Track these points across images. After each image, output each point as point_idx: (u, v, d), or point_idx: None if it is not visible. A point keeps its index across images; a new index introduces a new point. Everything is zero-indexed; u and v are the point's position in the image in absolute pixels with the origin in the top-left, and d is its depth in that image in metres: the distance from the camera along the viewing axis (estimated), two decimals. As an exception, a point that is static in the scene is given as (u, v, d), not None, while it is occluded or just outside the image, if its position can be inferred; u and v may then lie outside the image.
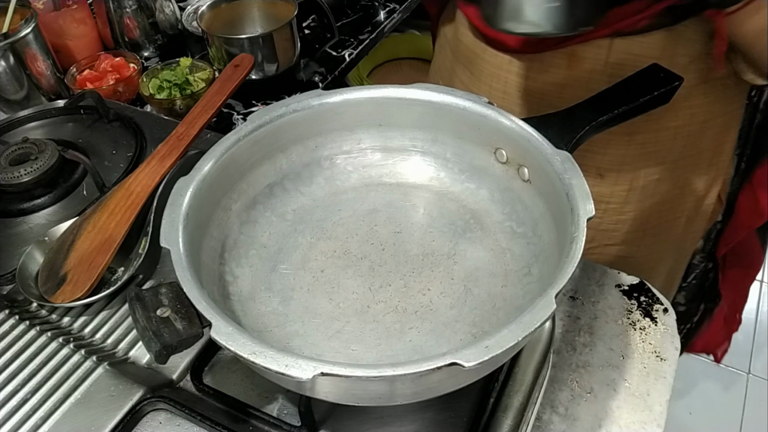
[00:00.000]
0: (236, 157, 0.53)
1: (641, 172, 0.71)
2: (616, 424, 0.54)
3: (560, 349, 0.59)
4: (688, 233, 0.80)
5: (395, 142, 0.59)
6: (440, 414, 0.49)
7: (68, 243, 0.60)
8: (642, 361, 0.58)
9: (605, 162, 0.70)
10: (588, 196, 0.45)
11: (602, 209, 0.74)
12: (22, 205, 0.69)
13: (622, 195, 0.73)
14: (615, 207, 0.74)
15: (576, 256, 0.41)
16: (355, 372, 0.36)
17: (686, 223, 0.78)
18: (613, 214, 0.74)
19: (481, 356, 0.36)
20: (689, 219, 0.78)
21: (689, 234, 0.81)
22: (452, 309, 0.50)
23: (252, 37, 0.99)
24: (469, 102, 0.54)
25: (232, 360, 0.53)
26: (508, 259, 0.53)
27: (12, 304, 0.58)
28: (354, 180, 0.60)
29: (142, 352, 0.54)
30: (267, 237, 0.56)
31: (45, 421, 0.49)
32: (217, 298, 0.47)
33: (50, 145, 0.70)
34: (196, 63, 1.00)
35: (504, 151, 0.54)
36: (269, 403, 0.51)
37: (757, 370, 1.64)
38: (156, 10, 1.09)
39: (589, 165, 0.70)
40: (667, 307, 0.62)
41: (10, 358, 0.53)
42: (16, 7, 0.89)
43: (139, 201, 0.62)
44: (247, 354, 0.37)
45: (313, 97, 0.56)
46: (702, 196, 0.76)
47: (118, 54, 1.03)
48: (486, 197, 0.57)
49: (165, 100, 0.94)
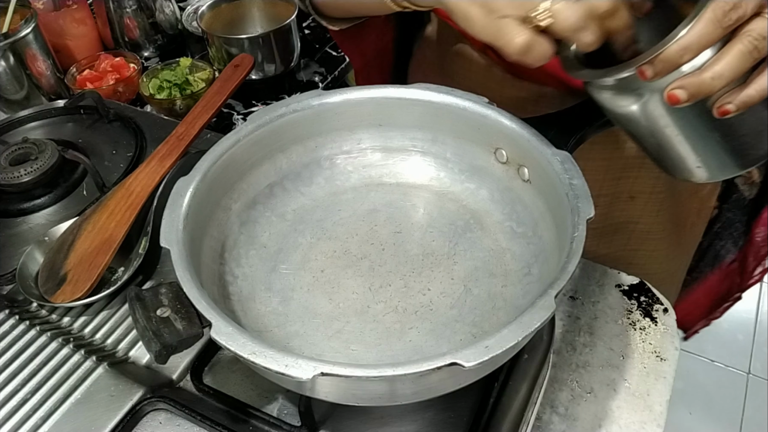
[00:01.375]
0: (236, 157, 0.53)
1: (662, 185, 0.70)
2: (616, 424, 0.54)
3: (560, 349, 0.59)
4: (691, 235, 0.80)
5: (395, 142, 0.59)
6: (440, 414, 0.49)
7: (68, 243, 0.60)
8: (642, 361, 0.58)
9: (637, 185, 0.70)
10: (588, 196, 0.45)
11: (630, 229, 0.73)
12: (22, 205, 0.69)
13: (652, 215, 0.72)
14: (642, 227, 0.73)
15: (576, 256, 0.41)
16: (355, 372, 0.36)
17: (690, 227, 0.78)
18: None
19: (481, 356, 0.36)
20: (693, 224, 0.78)
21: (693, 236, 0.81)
22: (452, 309, 0.50)
23: (252, 37, 0.99)
24: (469, 102, 0.54)
25: (232, 360, 0.53)
26: (508, 259, 0.53)
27: (12, 304, 0.58)
28: (354, 180, 0.60)
29: (142, 352, 0.54)
30: (267, 237, 0.56)
31: (45, 421, 0.49)
32: (217, 298, 0.47)
33: (50, 145, 0.70)
34: (196, 63, 1.00)
35: (504, 151, 0.54)
36: (269, 403, 0.51)
37: (757, 370, 1.64)
38: (156, 10, 1.09)
39: (622, 190, 0.70)
40: (667, 307, 0.62)
41: (10, 358, 0.53)
42: (16, 7, 0.89)
43: (139, 201, 0.62)
44: (247, 354, 0.37)
45: (313, 97, 0.56)
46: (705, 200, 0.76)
47: (118, 54, 1.03)
48: (486, 197, 0.57)
49: (165, 100, 0.94)
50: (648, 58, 0.39)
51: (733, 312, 0.86)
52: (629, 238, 0.74)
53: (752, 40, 0.37)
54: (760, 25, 0.37)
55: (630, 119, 0.45)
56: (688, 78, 0.39)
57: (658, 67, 0.39)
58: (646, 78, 0.40)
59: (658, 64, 0.39)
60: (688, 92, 0.39)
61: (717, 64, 0.38)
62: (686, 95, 0.40)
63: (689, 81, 0.39)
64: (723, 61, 0.38)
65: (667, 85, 0.40)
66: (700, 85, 0.39)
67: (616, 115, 0.46)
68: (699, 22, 0.37)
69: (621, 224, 0.73)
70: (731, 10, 0.37)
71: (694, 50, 0.38)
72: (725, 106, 0.40)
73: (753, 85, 0.39)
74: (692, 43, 0.38)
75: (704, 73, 0.39)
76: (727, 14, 0.37)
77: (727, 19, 0.37)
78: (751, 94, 0.39)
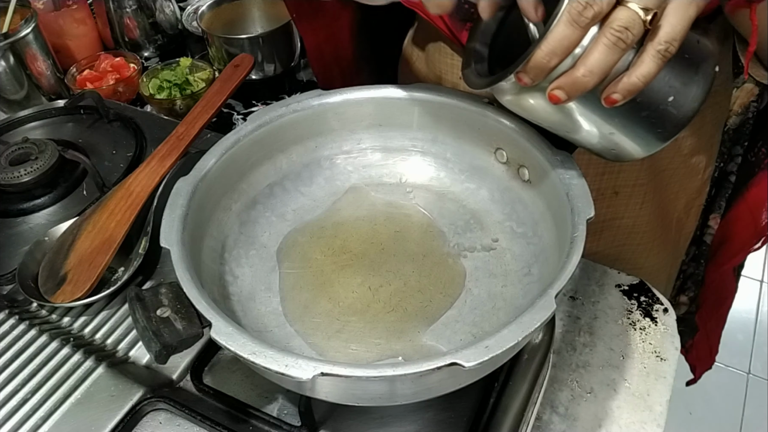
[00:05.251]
0: (236, 157, 0.53)
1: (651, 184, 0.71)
2: (616, 424, 0.54)
3: (560, 349, 0.59)
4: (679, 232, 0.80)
5: (395, 142, 0.59)
6: (440, 414, 0.49)
7: (68, 243, 0.60)
8: (642, 361, 0.58)
9: (620, 179, 0.70)
10: (588, 196, 0.45)
11: (616, 225, 0.73)
12: (22, 205, 0.69)
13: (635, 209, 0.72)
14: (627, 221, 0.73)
15: (576, 256, 0.41)
16: (355, 372, 0.36)
17: (677, 223, 0.78)
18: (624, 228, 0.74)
19: (481, 356, 0.36)
20: (680, 220, 0.78)
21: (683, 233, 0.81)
22: (452, 309, 0.50)
23: (252, 37, 0.99)
24: (469, 102, 0.54)
25: (232, 360, 0.53)
26: (508, 259, 0.53)
27: (12, 304, 0.58)
28: (354, 180, 0.60)
29: (142, 352, 0.54)
30: (267, 237, 0.56)
31: (45, 421, 0.49)
32: (217, 298, 0.47)
33: (50, 145, 0.70)
34: (196, 63, 1.00)
35: (504, 151, 0.54)
36: (269, 403, 0.51)
37: (757, 370, 1.64)
38: (156, 10, 1.08)
39: (606, 186, 0.70)
40: (667, 307, 0.62)
41: (10, 358, 0.53)
42: (16, 7, 0.89)
43: (139, 201, 0.62)
44: (247, 354, 0.37)
45: (313, 97, 0.56)
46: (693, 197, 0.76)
47: (118, 54, 1.03)
48: (486, 197, 0.57)
49: (165, 100, 0.94)
50: (521, 66, 0.40)
51: (733, 312, 0.86)
52: (615, 234, 0.74)
53: (614, 32, 0.38)
54: (619, 15, 0.38)
55: (539, 119, 0.46)
56: (563, 78, 0.40)
57: (532, 73, 0.40)
58: (526, 84, 0.41)
59: (531, 71, 0.40)
60: (566, 91, 0.40)
61: (586, 61, 0.39)
62: (564, 95, 0.40)
63: (563, 81, 0.40)
64: (591, 57, 0.38)
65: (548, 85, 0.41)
66: (574, 83, 0.39)
67: (530, 117, 0.47)
68: (557, 26, 0.38)
69: (607, 221, 0.73)
70: (585, 8, 0.37)
71: (560, 53, 0.39)
72: (612, 96, 0.40)
73: (634, 72, 0.39)
74: (555, 47, 0.38)
75: (575, 70, 0.39)
76: (582, 13, 0.37)
77: (583, 18, 0.37)
78: (633, 81, 0.39)
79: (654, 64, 0.39)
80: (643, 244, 0.76)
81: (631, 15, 0.38)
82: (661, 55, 0.39)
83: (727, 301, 0.85)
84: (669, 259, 0.82)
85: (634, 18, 0.38)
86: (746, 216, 0.75)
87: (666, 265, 0.82)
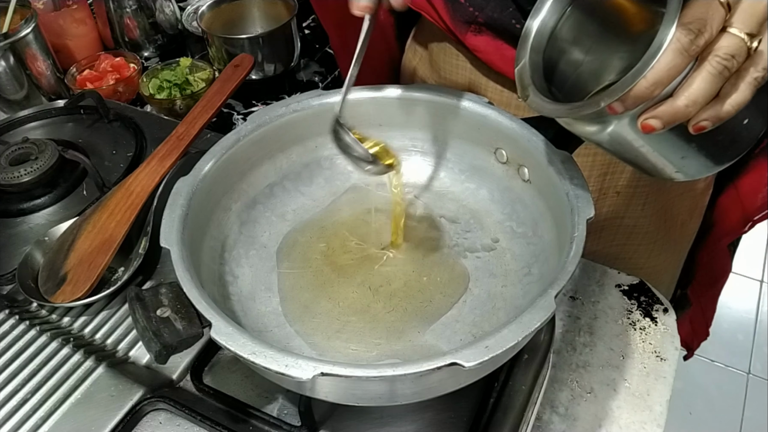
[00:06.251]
0: (236, 157, 0.53)
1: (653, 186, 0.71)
2: (616, 424, 0.54)
3: (560, 349, 0.59)
4: (682, 234, 0.80)
5: (395, 142, 0.59)
6: (440, 414, 0.49)
7: (68, 243, 0.60)
8: (642, 361, 0.58)
9: (622, 179, 0.70)
10: (588, 196, 0.45)
11: (617, 224, 0.73)
12: (22, 205, 0.69)
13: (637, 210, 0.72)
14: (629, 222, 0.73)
15: (576, 256, 0.41)
16: (355, 372, 0.36)
17: (681, 225, 0.78)
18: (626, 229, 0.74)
19: (481, 356, 0.36)
20: (684, 222, 0.78)
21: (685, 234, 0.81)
22: (452, 309, 0.50)
23: (252, 37, 0.99)
24: (469, 102, 0.54)
25: (232, 360, 0.53)
26: (508, 259, 0.53)
27: (12, 304, 0.58)
28: (354, 180, 0.60)
29: (142, 352, 0.54)
30: (267, 237, 0.56)
31: (45, 421, 0.49)
32: (217, 298, 0.47)
33: (50, 145, 0.70)
34: (196, 63, 1.00)
35: (504, 151, 0.54)
36: (269, 403, 0.51)
37: (757, 370, 1.64)
38: (156, 10, 1.09)
39: (608, 186, 0.70)
40: (667, 307, 0.62)
41: (10, 358, 0.53)
42: (16, 7, 0.89)
43: (139, 201, 0.62)
44: (247, 354, 0.37)
45: (313, 97, 0.56)
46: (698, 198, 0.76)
47: (118, 54, 1.03)
48: (486, 197, 0.57)
49: (165, 100, 0.94)
50: (618, 96, 0.38)
51: (733, 312, 0.86)
52: (615, 233, 0.74)
53: (720, 60, 0.36)
54: (725, 43, 0.36)
55: (602, 143, 0.45)
56: (662, 107, 0.38)
57: (628, 103, 0.38)
58: (617, 113, 0.39)
59: (629, 100, 0.38)
60: (663, 121, 0.38)
61: (688, 90, 0.37)
62: (661, 124, 0.38)
63: (663, 110, 0.38)
64: (694, 86, 0.37)
65: (639, 113, 0.39)
66: (674, 114, 0.38)
67: (588, 139, 0.46)
68: (666, 55, 0.36)
69: (608, 220, 0.73)
70: (696, 37, 0.36)
71: (665, 83, 0.37)
72: (701, 123, 0.39)
73: (728, 101, 0.38)
74: (662, 77, 0.37)
75: (677, 100, 0.37)
76: (694, 42, 0.36)
77: (694, 47, 0.36)
78: (727, 110, 0.38)
79: (750, 92, 0.37)
80: (645, 245, 0.76)
81: (738, 42, 0.36)
82: (757, 82, 0.37)
83: (722, 279, 0.84)
84: (671, 259, 0.82)
85: (740, 45, 0.36)
86: (735, 202, 0.75)
87: (668, 265, 0.82)
